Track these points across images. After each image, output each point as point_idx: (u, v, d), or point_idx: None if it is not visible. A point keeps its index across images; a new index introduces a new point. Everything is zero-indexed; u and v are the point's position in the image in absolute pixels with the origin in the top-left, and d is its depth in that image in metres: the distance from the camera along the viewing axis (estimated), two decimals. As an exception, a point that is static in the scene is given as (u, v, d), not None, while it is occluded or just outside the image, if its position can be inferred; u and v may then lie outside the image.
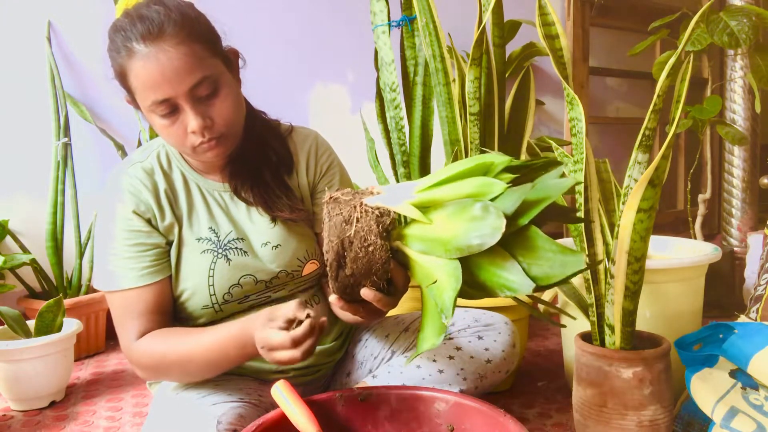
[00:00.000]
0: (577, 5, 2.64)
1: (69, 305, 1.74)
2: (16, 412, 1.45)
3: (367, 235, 0.74)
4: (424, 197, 0.75)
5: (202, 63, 0.93)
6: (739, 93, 2.20)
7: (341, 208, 0.76)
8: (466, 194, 0.71)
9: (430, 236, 0.73)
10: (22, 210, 1.90)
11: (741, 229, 2.20)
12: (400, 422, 0.90)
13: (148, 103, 0.93)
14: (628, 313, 1.03)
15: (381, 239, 0.75)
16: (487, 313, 1.23)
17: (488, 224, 0.67)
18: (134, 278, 1.00)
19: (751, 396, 1.02)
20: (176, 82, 0.90)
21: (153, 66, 0.89)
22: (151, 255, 1.01)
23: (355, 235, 0.74)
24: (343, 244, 0.75)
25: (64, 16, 1.95)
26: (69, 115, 1.92)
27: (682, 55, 0.93)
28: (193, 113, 0.93)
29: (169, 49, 0.90)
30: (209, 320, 1.07)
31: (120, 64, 0.93)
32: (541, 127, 2.87)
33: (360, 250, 0.75)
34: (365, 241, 0.74)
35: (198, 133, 0.94)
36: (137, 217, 1.00)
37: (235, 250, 1.05)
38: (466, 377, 1.09)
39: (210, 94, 0.94)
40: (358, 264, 0.76)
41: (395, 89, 1.72)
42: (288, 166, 1.11)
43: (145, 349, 0.98)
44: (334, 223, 0.76)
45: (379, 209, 0.76)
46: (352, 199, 0.77)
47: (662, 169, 0.94)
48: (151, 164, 1.05)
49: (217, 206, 1.07)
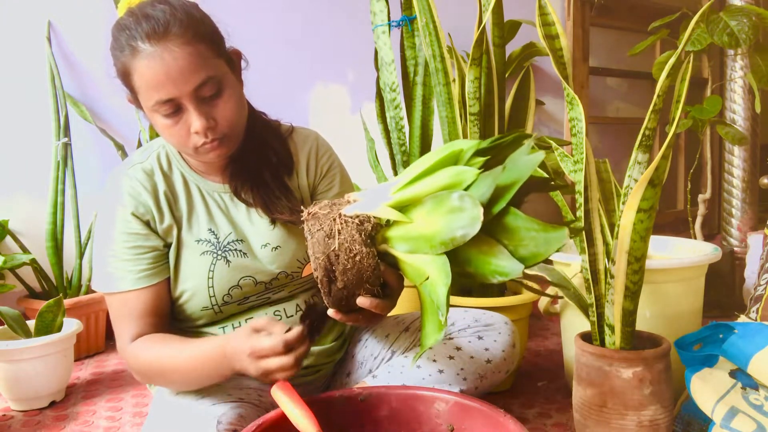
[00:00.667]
0: (577, 5, 2.64)
1: (69, 305, 1.74)
2: (16, 412, 1.45)
3: (352, 246, 0.74)
4: (400, 197, 0.75)
5: (206, 63, 0.92)
6: (739, 93, 2.20)
7: (321, 223, 0.75)
8: (441, 186, 0.71)
9: (413, 235, 0.73)
10: (22, 210, 1.90)
11: (741, 229, 2.20)
12: (400, 422, 0.90)
13: (152, 103, 0.92)
14: (628, 313, 1.03)
15: (366, 247, 0.74)
16: (487, 313, 1.23)
17: (467, 215, 0.67)
18: (132, 281, 0.99)
19: (751, 396, 1.02)
20: (181, 82, 0.90)
21: (158, 65, 0.89)
22: (149, 258, 1.01)
23: (339, 248, 0.74)
24: (329, 259, 0.74)
25: (64, 16, 1.95)
26: (69, 115, 1.92)
27: (682, 55, 0.93)
28: (196, 113, 0.92)
29: (174, 49, 0.89)
30: (209, 321, 1.07)
31: (123, 63, 0.92)
32: (541, 127, 2.87)
33: (347, 261, 0.74)
34: (351, 252, 0.74)
35: (201, 133, 0.94)
36: (136, 219, 1.00)
37: (235, 252, 1.05)
38: (466, 377, 1.09)
39: (214, 95, 0.94)
40: (348, 276, 0.75)
41: (395, 89, 1.72)
42: (288, 167, 1.11)
43: (137, 355, 0.98)
44: (316, 239, 0.75)
45: (359, 217, 0.75)
46: (330, 212, 0.76)
47: (662, 169, 0.94)
48: (151, 165, 1.04)
49: (216, 207, 1.06)
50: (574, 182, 1.11)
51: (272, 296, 1.09)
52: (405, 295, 1.75)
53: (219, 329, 1.08)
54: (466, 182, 0.70)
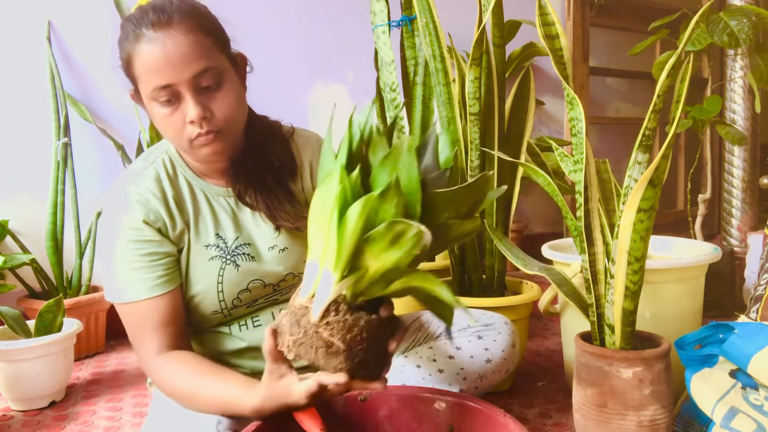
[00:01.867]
0: (577, 5, 2.64)
1: (69, 305, 1.74)
2: (16, 412, 1.45)
3: (346, 335, 0.70)
4: (341, 267, 0.70)
5: (208, 53, 0.93)
6: (739, 93, 2.20)
7: (306, 345, 0.71)
8: (361, 228, 0.67)
9: (378, 277, 0.70)
10: (22, 210, 1.90)
11: (741, 229, 2.20)
12: (400, 422, 0.90)
13: (150, 89, 0.92)
14: (628, 313, 1.04)
15: (358, 326, 0.70)
16: (486, 313, 1.23)
17: (410, 234, 0.65)
18: (148, 288, 0.97)
19: (751, 396, 1.02)
20: (180, 67, 0.90)
21: (158, 50, 0.90)
22: (164, 264, 0.99)
23: (340, 346, 0.70)
24: (348, 357, 0.70)
25: (64, 16, 1.95)
26: (69, 115, 1.92)
27: (682, 55, 0.93)
28: (193, 102, 0.92)
29: (176, 35, 0.91)
30: (219, 323, 1.07)
31: (127, 51, 0.93)
32: (541, 127, 2.87)
33: (354, 347, 0.70)
34: (348, 341, 0.70)
35: (197, 122, 0.93)
36: (148, 226, 0.98)
37: (243, 256, 1.04)
38: (465, 377, 1.09)
39: (213, 87, 0.94)
40: (364, 354, 0.71)
41: (395, 89, 1.72)
42: (292, 170, 1.10)
43: (165, 375, 0.96)
44: (317, 356, 0.71)
45: (329, 320, 0.70)
46: (297, 327, 0.71)
47: (662, 169, 0.94)
48: (156, 171, 1.03)
49: (222, 212, 1.06)
50: (574, 182, 1.11)
51: (280, 297, 1.09)
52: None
53: (225, 328, 1.08)
54: (376, 211, 0.67)
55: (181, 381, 0.94)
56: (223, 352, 1.08)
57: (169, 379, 0.95)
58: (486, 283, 1.55)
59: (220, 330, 1.08)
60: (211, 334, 1.09)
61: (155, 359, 0.97)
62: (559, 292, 1.21)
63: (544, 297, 1.47)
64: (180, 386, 0.94)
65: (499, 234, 1.39)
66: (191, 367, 0.95)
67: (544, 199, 2.85)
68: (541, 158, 1.61)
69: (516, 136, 1.53)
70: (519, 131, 1.53)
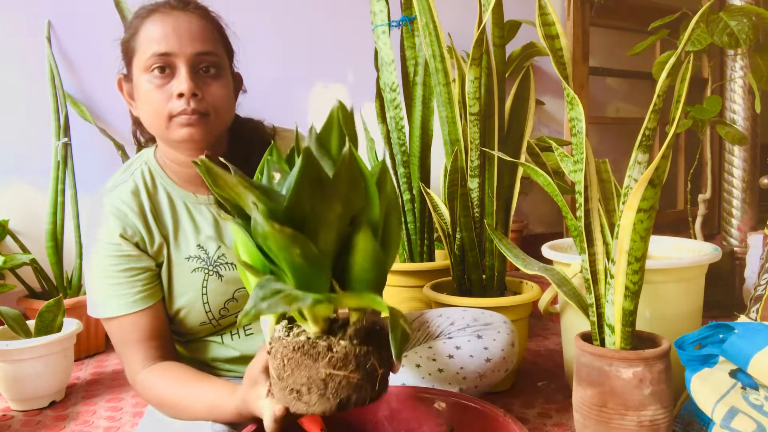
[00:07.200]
0: (577, 5, 2.64)
1: (69, 305, 1.74)
2: (16, 412, 1.45)
3: (342, 362, 0.65)
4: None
5: (214, 41, 0.97)
6: (739, 93, 2.20)
7: (299, 383, 0.66)
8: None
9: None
10: (23, 210, 1.90)
11: (741, 229, 2.20)
12: (400, 422, 0.90)
13: (148, 55, 0.92)
14: (628, 313, 1.03)
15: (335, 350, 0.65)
16: (486, 312, 1.23)
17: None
18: (127, 305, 0.96)
19: (751, 396, 1.02)
20: (186, 40, 0.93)
21: (170, 21, 0.93)
22: (142, 279, 0.98)
23: (340, 376, 0.66)
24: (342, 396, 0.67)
25: (64, 16, 1.95)
26: (69, 115, 1.92)
27: (682, 55, 0.93)
28: (187, 76, 0.92)
29: (191, 14, 0.95)
30: (209, 333, 1.07)
31: (135, 26, 0.95)
32: (541, 127, 2.87)
33: (353, 375, 0.66)
34: (337, 370, 0.65)
35: (186, 96, 0.92)
36: (125, 241, 0.97)
37: (226, 265, 1.03)
38: (465, 376, 1.09)
39: (209, 72, 0.95)
40: (365, 371, 0.67)
41: (395, 89, 1.73)
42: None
43: (149, 387, 0.95)
44: (314, 398, 0.67)
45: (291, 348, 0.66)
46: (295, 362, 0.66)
47: (662, 169, 0.94)
48: (135, 183, 1.01)
49: (204, 221, 1.04)
50: (574, 182, 1.11)
51: None
52: (406, 295, 1.76)
53: (217, 337, 1.08)
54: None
55: (164, 391, 0.93)
56: (216, 360, 1.08)
57: (153, 391, 0.95)
58: (486, 283, 1.55)
59: (212, 339, 1.08)
60: (204, 343, 1.08)
61: (140, 374, 0.97)
62: (559, 292, 1.21)
63: (544, 297, 1.47)
64: (163, 396, 0.93)
65: (499, 234, 1.39)
66: (174, 377, 0.94)
67: (544, 199, 2.85)
68: (541, 158, 1.61)
69: (516, 136, 1.53)
70: (519, 131, 1.53)
